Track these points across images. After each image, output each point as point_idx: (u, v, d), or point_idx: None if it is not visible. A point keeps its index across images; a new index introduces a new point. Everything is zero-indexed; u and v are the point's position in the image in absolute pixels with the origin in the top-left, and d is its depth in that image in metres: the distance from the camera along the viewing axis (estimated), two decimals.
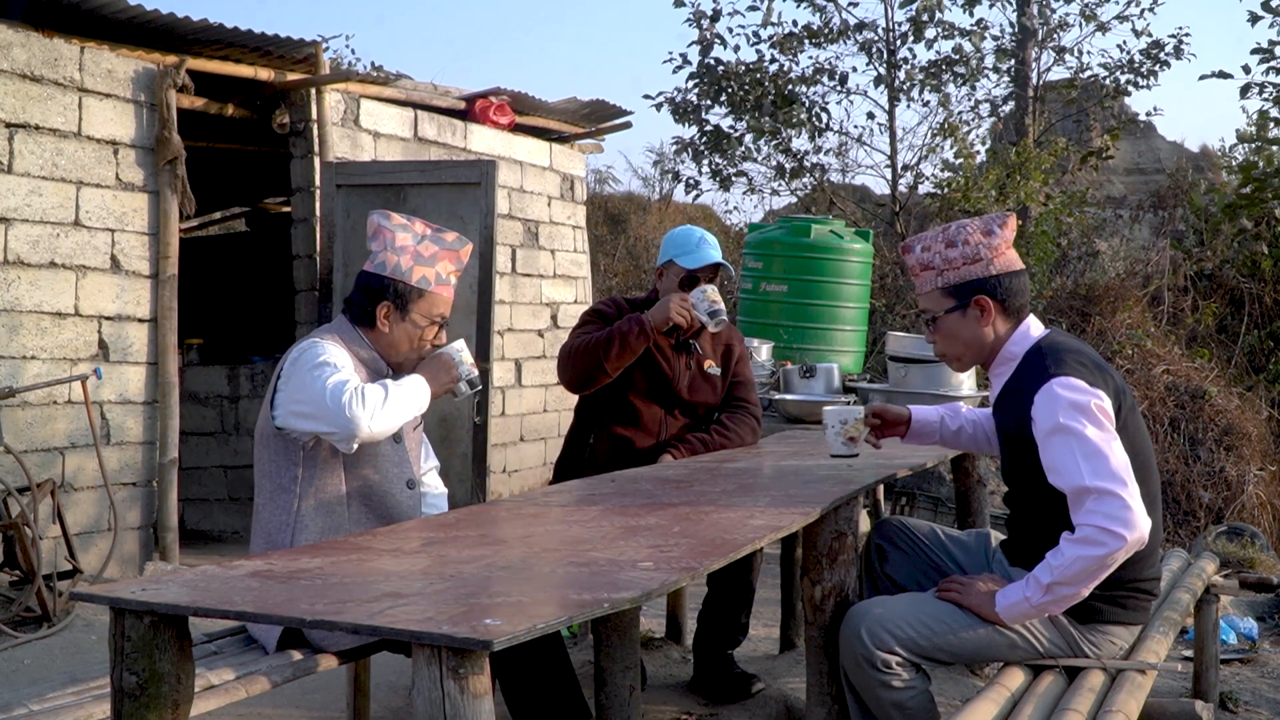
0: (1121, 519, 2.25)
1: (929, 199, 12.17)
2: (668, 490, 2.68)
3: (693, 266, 3.58)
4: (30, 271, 5.10)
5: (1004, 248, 2.56)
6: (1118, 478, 2.27)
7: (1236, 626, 4.40)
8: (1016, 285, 2.55)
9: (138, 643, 1.70)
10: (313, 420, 2.49)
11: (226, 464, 6.95)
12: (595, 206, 14.91)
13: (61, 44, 5.20)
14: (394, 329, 2.66)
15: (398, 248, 2.66)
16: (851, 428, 2.94)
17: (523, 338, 7.94)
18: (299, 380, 2.51)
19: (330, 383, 2.44)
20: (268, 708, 3.56)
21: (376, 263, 2.66)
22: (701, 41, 11.91)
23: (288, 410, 2.53)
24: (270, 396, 2.59)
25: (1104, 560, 2.27)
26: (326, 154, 6.30)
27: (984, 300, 2.53)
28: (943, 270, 2.56)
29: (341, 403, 2.41)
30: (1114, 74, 12.08)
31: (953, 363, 2.67)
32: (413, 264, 2.65)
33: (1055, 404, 2.35)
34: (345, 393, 2.42)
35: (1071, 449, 2.31)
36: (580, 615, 1.57)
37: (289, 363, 2.56)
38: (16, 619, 4.47)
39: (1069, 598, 2.35)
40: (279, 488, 2.58)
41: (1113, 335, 7.74)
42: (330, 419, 2.43)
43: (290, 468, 2.57)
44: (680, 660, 3.99)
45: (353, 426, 2.41)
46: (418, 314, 2.66)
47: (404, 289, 2.64)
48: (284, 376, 2.55)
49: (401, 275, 2.64)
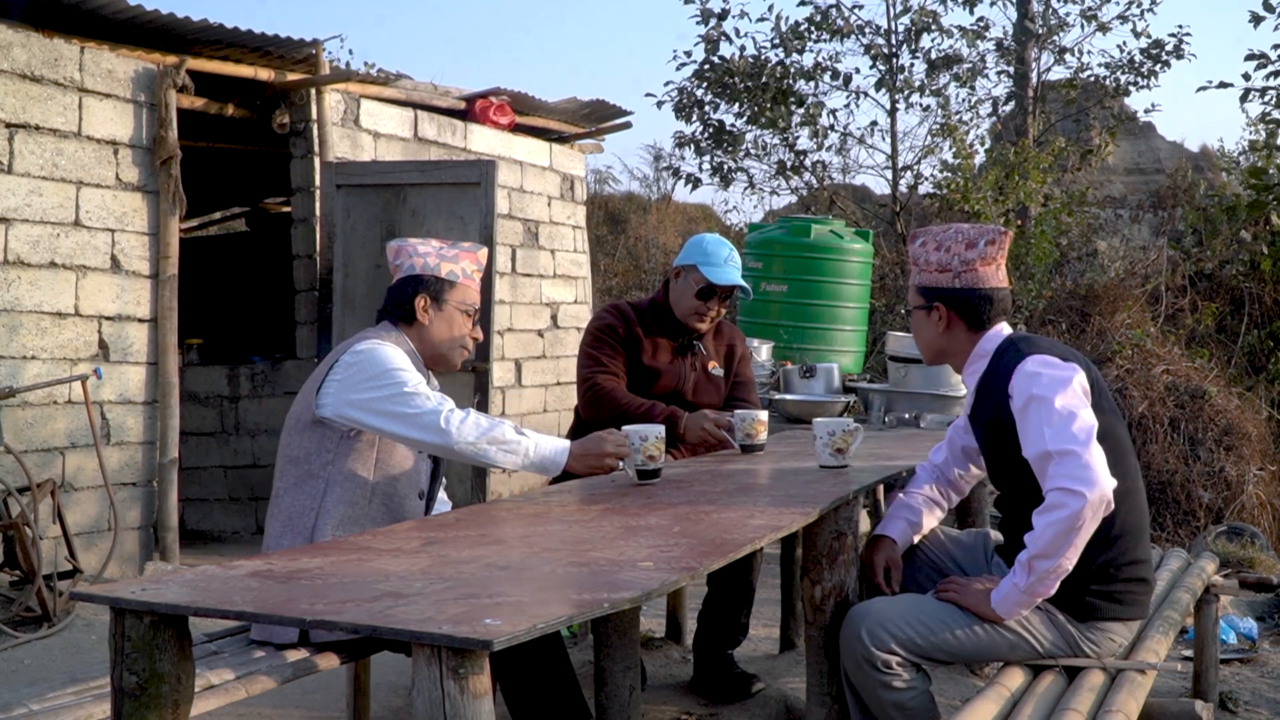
0: (1080, 477, 2.28)
1: (928, 199, 12.18)
2: (668, 490, 2.68)
3: (717, 282, 3.58)
4: (30, 271, 5.10)
5: (980, 264, 2.59)
6: (1077, 439, 2.31)
7: (1236, 626, 4.40)
8: (983, 304, 2.59)
9: (138, 643, 1.70)
10: (391, 420, 2.55)
11: (226, 464, 6.94)
12: (595, 206, 14.91)
13: (61, 44, 5.20)
14: (434, 320, 2.78)
15: (421, 253, 2.81)
16: (840, 439, 2.96)
17: (523, 338, 7.94)
18: (374, 382, 2.57)
19: (428, 403, 2.55)
20: (268, 708, 3.56)
21: (405, 268, 2.80)
22: (708, 40, 11.93)
23: (346, 401, 2.58)
24: (318, 387, 2.62)
25: (1072, 522, 2.28)
26: (326, 154, 6.31)
27: (942, 308, 2.63)
28: (922, 270, 2.67)
29: (444, 419, 2.53)
30: (1114, 74, 12.09)
31: (921, 355, 2.78)
32: (439, 260, 2.81)
33: (1030, 378, 2.42)
34: (452, 414, 2.55)
35: (1040, 416, 2.37)
36: (580, 615, 1.57)
37: (349, 355, 2.63)
38: (16, 619, 4.47)
39: (1053, 571, 2.35)
40: (307, 474, 2.62)
41: (1112, 335, 7.73)
42: (428, 430, 2.54)
43: (324, 453, 2.62)
44: (680, 660, 3.99)
45: (448, 439, 2.53)
46: (453, 303, 2.80)
47: (436, 281, 2.78)
48: (343, 368, 2.61)
49: (431, 270, 2.79)
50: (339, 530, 2.56)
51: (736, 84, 11.90)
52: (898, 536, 2.81)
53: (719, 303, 3.64)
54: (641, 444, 2.75)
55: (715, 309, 3.65)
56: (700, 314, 3.63)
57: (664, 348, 3.65)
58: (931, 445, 3.44)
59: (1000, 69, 12.52)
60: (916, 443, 3.91)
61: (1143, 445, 6.68)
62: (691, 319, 3.64)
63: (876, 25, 12.18)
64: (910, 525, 2.85)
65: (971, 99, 12.45)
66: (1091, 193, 12.39)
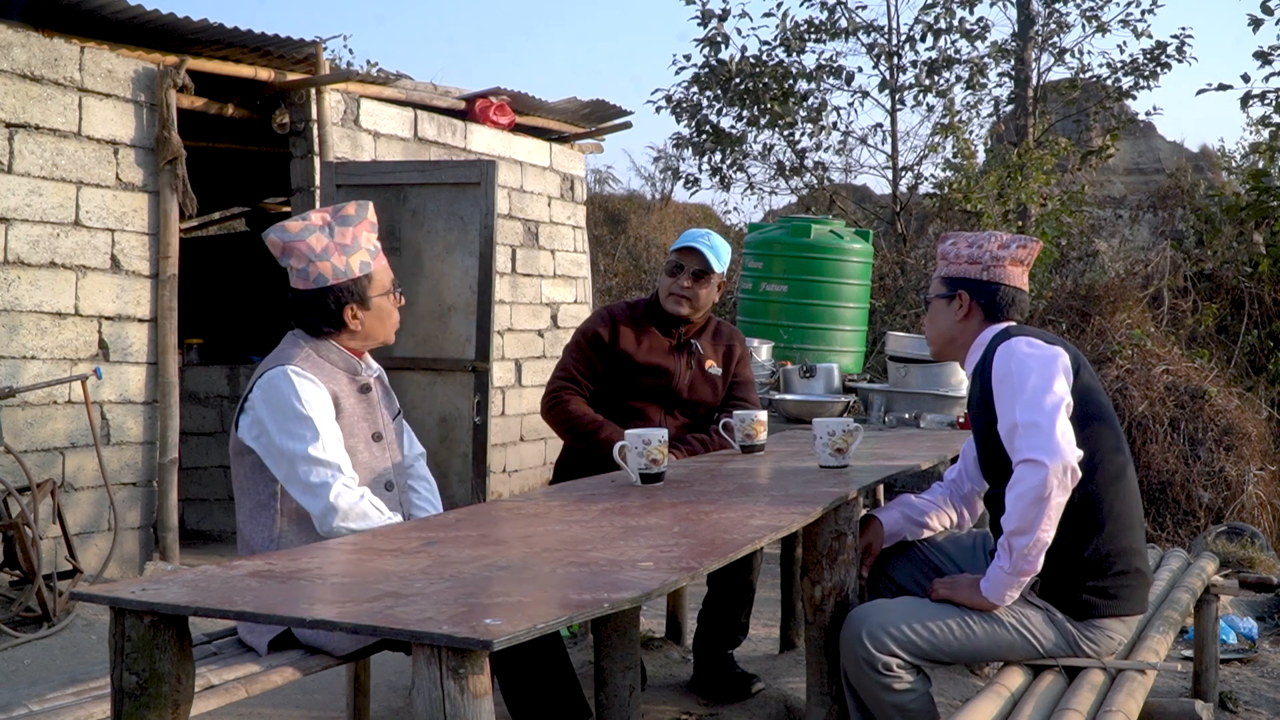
0: (1041, 447, 2.31)
1: (929, 199, 12.17)
2: (668, 490, 2.68)
3: (676, 247, 3.67)
4: (30, 271, 5.10)
5: (1009, 263, 2.71)
6: (1044, 410, 2.35)
7: (1236, 626, 4.40)
8: (1006, 297, 2.69)
9: (138, 643, 1.70)
10: (287, 484, 2.49)
11: (226, 464, 6.92)
12: (595, 206, 14.91)
13: (61, 44, 5.20)
14: (365, 322, 2.66)
15: (320, 253, 2.61)
16: (840, 439, 2.96)
17: (523, 338, 7.94)
18: (277, 428, 2.47)
19: (315, 478, 2.44)
20: (268, 708, 3.56)
21: (313, 277, 2.61)
22: (709, 41, 11.92)
23: (257, 442, 2.51)
24: (238, 416, 2.56)
25: (1039, 492, 2.30)
26: (326, 154, 6.30)
27: (963, 296, 2.70)
28: (950, 262, 2.76)
29: (328, 502, 2.43)
30: (1115, 75, 12.09)
31: (930, 345, 2.83)
32: (345, 258, 2.63)
33: (1009, 355, 2.49)
34: (333, 494, 2.44)
35: (1012, 390, 2.42)
36: (580, 615, 1.57)
37: (259, 390, 2.52)
38: (16, 619, 4.47)
39: (1033, 546, 2.36)
40: (258, 505, 2.54)
41: (1112, 335, 7.73)
42: (308, 503, 2.46)
43: (268, 484, 2.53)
44: (680, 660, 3.99)
45: (326, 524, 2.44)
46: (375, 296, 2.67)
47: (354, 284, 2.63)
48: (256, 405, 2.52)
49: (345, 274, 2.62)
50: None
51: (736, 85, 11.90)
52: (886, 522, 2.85)
53: (692, 280, 3.61)
54: (644, 448, 2.75)
55: (689, 286, 3.61)
56: (676, 295, 3.63)
57: (658, 343, 3.65)
58: (931, 445, 3.45)
59: (1001, 70, 12.52)
60: (916, 443, 3.91)
61: (1143, 445, 6.68)
62: (669, 302, 3.64)
63: (879, 25, 12.20)
64: (905, 518, 2.88)
65: (972, 99, 12.46)
66: (1091, 193, 12.38)
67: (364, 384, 2.68)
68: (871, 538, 2.82)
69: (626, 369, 3.61)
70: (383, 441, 2.69)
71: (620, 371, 3.61)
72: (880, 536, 2.84)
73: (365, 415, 2.66)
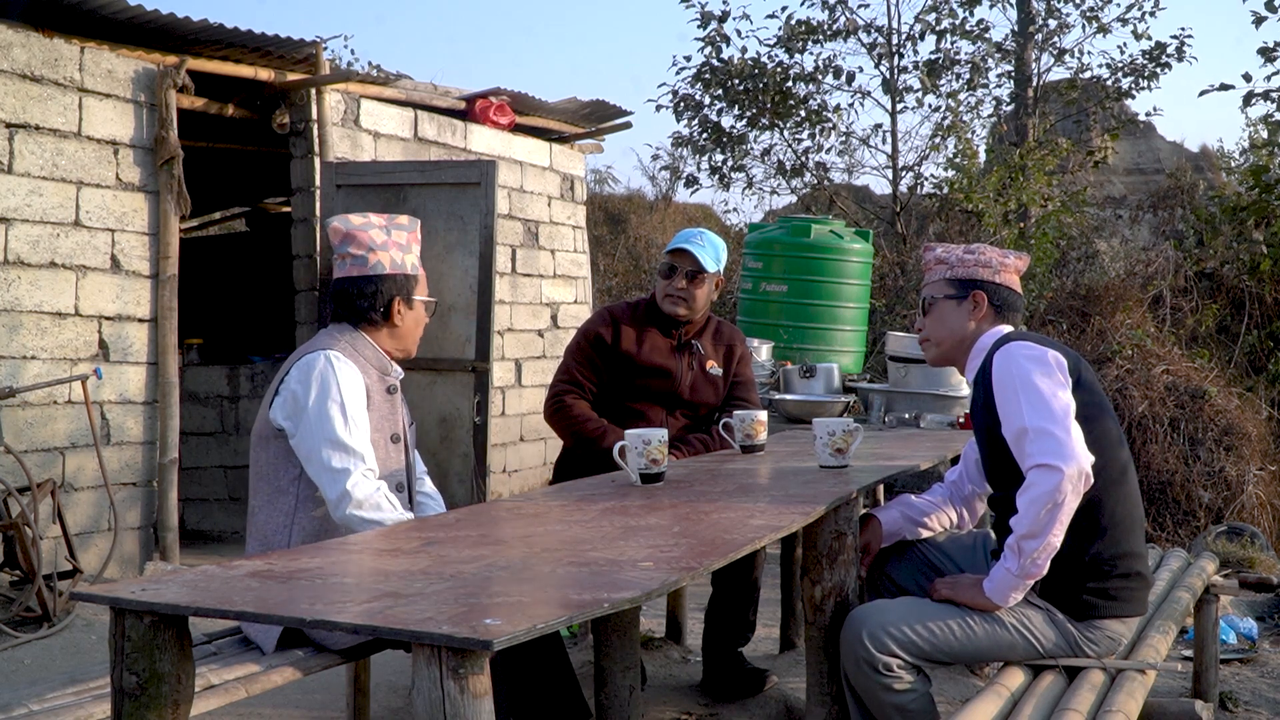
0: (1056, 452, 2.32)
1: (929, 199, 12.17)
2: (668, 490, 2.68)
3: (669, 249, 3.67)
4: (30, 271, 5.10)
5: (1012, 272, 2.78)
6: (1054, 416, 2.36)
7: (1236, 626, 4.40)
8: (1012, 300, 2.76)
9: (138, 643, 1.70)
10: (308, 463, 2.52)
11: (226, 464, 6.95)
12: (595, 206, 14.92)
13: (61, 44, 5.20)
14: (406, 319, 2.75)
15: (381, 245, 2.71)
16: (840, 439, 2.96)
17: (523, 338, 7.94)
18: (313, 406, 2.52)
19: (339, 466, 2.49)
20: (267, 708, 3.56)
21: (371, 264, 2.70)
22: (710, 42, 11.92)
23: (289, 421, 2.55)
24: (270, 398, 2.59)
25: (1053, 497, 2.31)
26: (326, 154, 6.31)
27: (980, 296, 2.73)
28: (955, 266, 2.78)
29: (345, 489, 2.47)
30: (1115, 75, 12.09)
31: (930, 349, 2.82)
32: (402, 255, 2.74)
33: (1009, 359, 2.50)
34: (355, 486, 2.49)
35: (1017, 394, 2.43)
36: (580, 615, 1.57)
37: (297, 370, 2.57)
38: (16, 619, 4.47)
39: (1042, 550, 2.36)
40: (277, 490, 2.58)
41: (1113, 335, 7.73)
42: (326, 485, 2.49)
43: (290, 469, 2.57)
44: (680, 660, 3.99)
45: (340, 509, 2.48)
46: (419, 298, 2.77)
47: (404, 279, 2.73)
48: (292, 383, 2.56)
49: (400, 268, 2.72)
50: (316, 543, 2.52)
51: (736, 86, 11.90)
52: (885, 521, 2.86)
53: (686, 281, 3.61)
54: (644, 448, 2.75)
55: (683, 287, 3.61)
56: (671, 296, 3.63)
57: (659, 343, 3.64)
58: (931, 445, 3.44)
59: (1001, 70, 12.52)
60: (916, 443, 3.91)
61: (1143, 445, 6.68)
62: (665, 304, 3.64)
63: (879, 25, 12.20)
64: (905, 518, 2.89)
65: (972, 99, 12.45)
66: (1092, 193, 12.38)
67: (391, 385, 2.73)
68: (870, 536, 2.83)
69: (628, 370, 3.60)
70: (400, 444, 2.74)
71: (622, 372, 3.60)
72: (879, 535, 2.85)
73: (389, 415, 2.71)
